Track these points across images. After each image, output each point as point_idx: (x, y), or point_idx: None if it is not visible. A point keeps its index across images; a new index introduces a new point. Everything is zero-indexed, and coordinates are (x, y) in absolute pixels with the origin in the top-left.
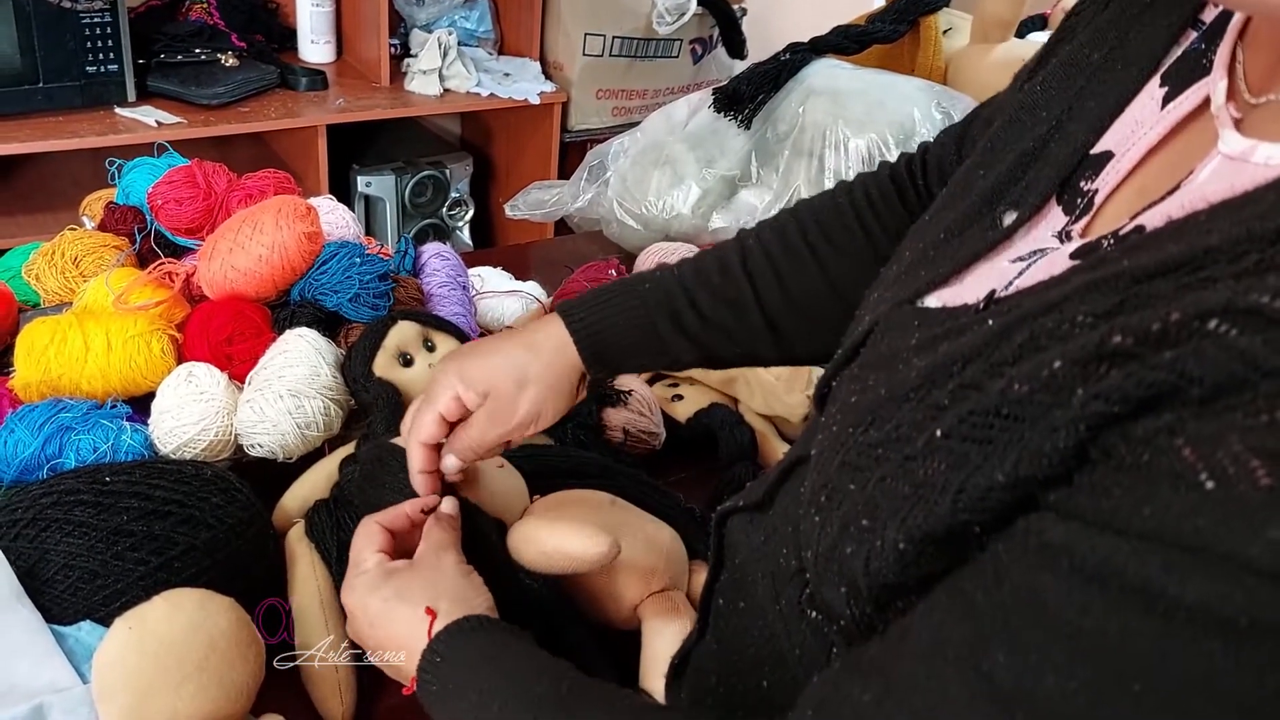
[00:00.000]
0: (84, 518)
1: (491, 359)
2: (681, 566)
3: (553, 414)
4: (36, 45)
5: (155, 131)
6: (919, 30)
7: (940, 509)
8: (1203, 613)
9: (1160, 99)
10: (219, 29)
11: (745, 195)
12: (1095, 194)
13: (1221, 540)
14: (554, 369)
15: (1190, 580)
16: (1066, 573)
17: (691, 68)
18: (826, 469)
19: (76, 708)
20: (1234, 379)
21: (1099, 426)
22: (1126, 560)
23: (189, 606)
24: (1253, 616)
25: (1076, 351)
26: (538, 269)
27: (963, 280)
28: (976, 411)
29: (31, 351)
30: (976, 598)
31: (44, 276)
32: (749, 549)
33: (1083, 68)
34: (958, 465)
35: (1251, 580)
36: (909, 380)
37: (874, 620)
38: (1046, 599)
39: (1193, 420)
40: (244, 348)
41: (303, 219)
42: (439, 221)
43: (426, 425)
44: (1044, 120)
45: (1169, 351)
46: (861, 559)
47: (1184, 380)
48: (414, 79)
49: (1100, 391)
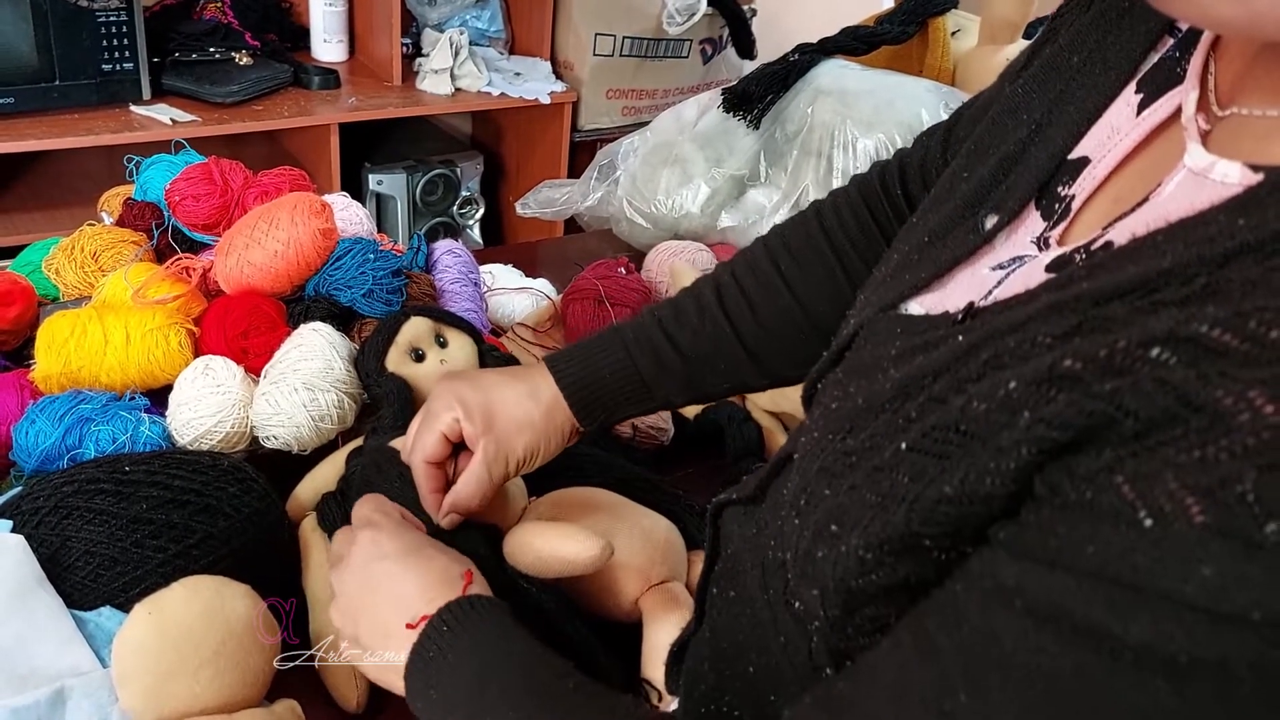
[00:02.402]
0: (104, 506)
1: (494, 395)
2: (680, 557)
3: (543, 458)
4: (53, 43)
5: (169, 129)
6: (927, 32)
7: (896, 519)
8: (1146, 652)
9: (1135, 105)
10: (233, 28)
11: (754, 194)
12: (1072, 200)
13: (1159, 578)
14: (551, 419)
15: (1133, 620)
16: (1020, 614)
17: (701, 68)
18: (806, 473)
19: (97, 691)
20: (1166, 414)
21: (1043, 453)
22: (1074, 600)
23: (206, 593)
24: (1191, 655)
25: (1030, 373)
26: (548, 266)
27: (945, 286)
28: (938, 426)
29: (52, 344)
30: (939, 640)
31: (64, 271)
32: (741, 540)
33: (1062, 71)
34: (916, 478)
35: (1189, 617)
36: (884, 392)
37: (844, 623)
38: (1003, 641)
39: (1130, 458)
40: (259, 341)
41: (318, 215)
42: (449, 219)
43: (431, 444)
44: (1024, 123)
45: (1110, 382)
46: (830, 564)
47: (1120, 413)
48: (425, 78)
49: (1045, 415)
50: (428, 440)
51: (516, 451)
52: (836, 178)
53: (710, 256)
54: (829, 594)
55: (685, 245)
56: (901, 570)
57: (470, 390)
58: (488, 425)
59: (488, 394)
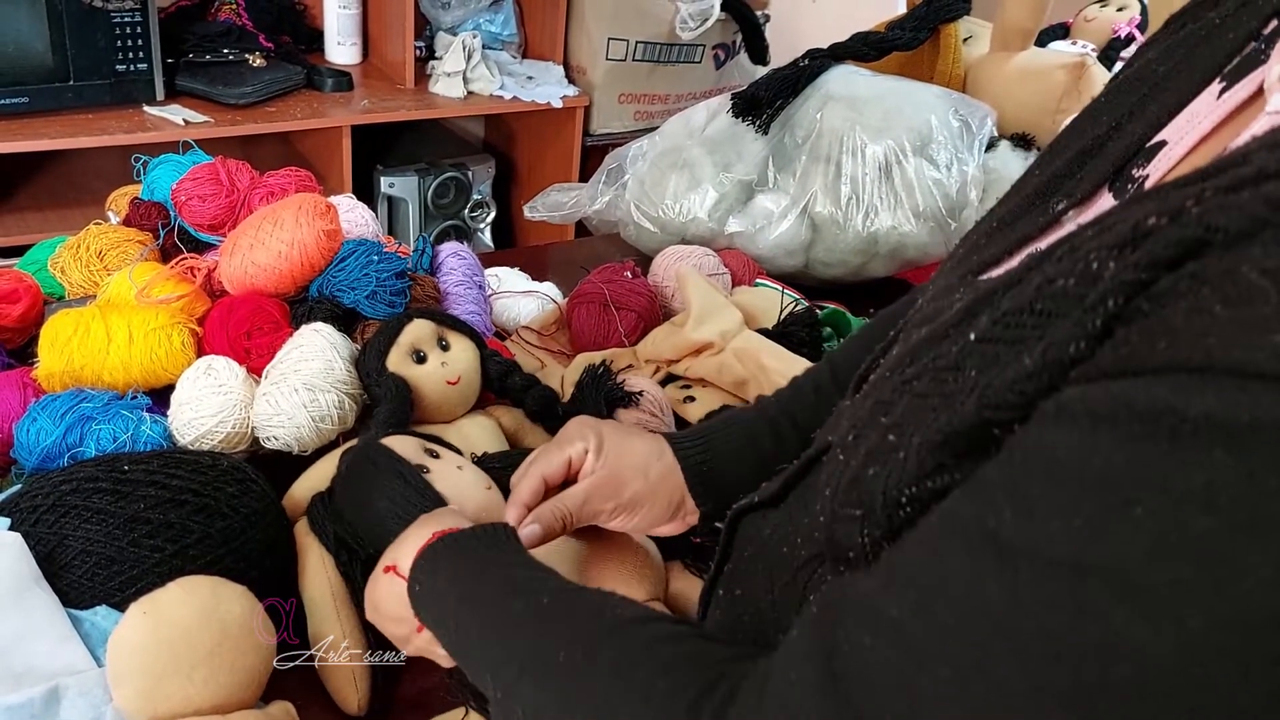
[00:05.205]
0: (102, 505)
1: (625, 440)
2: (658, 575)
3: (643, 518)
4: (68, 43)
5: (182, 130)
6: (939, 38)
7: (966, 408)
8: (1207, 422)
9: (1217, 92)
10: (247, 30)
11: (762, 200)
12: (1146, 180)
13: (1231, 352)
14: (665, 480)
15: (1196, 395)
16: (1078, 420)
17: (714, 73)
18: (858, 414)
19: (92, 690)
20: (1256, 222)
21: (1128, 298)
22: (1136, 393)
23: (202, 593)
24: (1254, 415)
25: (1112, 239)
26: (555, 270)
27: (1011, 263)
28: (1010, 311)
29: (55, 342)
30: (987, 476)
31: (69, 270)
32: (758, 543)
33: (1148, 79)
34: (987, 366)
35: (1257, 385)
36: (949, 319)
37: (881, 548)
38: (1057, 452)
39: (1213, 265)
40: (263, 342)
41: (322, 216)
42: (461, 223)
43: (555, 463)
44: (1104, 123)
45: (1196, 210)
46: (882, 478)
47: (1209, 232)
48: (438, 81)
49: (1131, 261)
50: (555, 458)
51: (623, 495)
52: (845, 184)
53: (717, 261)
54: (874, 513)
55: (692, 250)
56: (958, 474)
57: (610, 432)
58: (611, 464)
59: (625, 440)
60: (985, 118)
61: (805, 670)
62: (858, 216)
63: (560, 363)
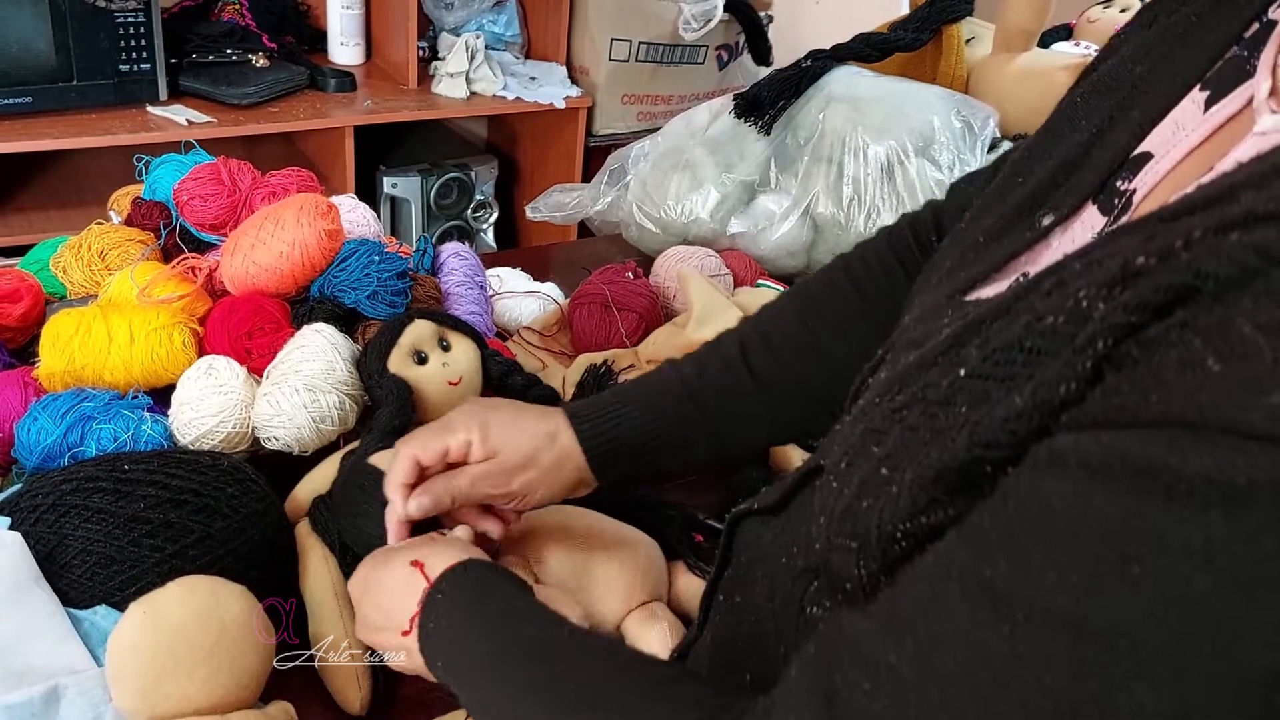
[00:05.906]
0: (102, 504)
1: (514, 428)
2: (660, 576)
3: (539, 500)
4: (71, 43)
5: (185, 130)
6: (941, 39)
7: (957, 445)
8: (1203, 482)
9: (1202, 103)
10: (250, 30)
11: (764, 200)
12: (1133, 194)
13: (1225, 412)
14: (559, 468)
15: (1192, 454)
16: (1071, 471)
17: (717, 74)
18: (849, 439)
19: (91, 689)
20: (1246, 271)
21: (1118, 342)
22: (1130, 444)
23: (202, 593)
24: (1251, 478)
25: (1101, 277)
26: (557, 271)
27: (999, 282)
28: (1000, 348)
29: (56, 342)
30: (982, 521)
31: (70, 269)
32: (756, 549)
33: (1125, 80)
34: (977, 403)
35: (1253, 446)
36: (938, 345)
37: (878, 581)
38: (1051, 502)
39: (1204, 314)
40: (264, 342)
41: (324, 216)
42: (463, 223)
43: (433, 450)
44: (1084, 129)
45: (1186, 254)
46: (876, 511)
47: (1198, 279)
48: (441, 82)
49: (1121, 302)
50: (431, 445)
51: (511, 485)
52: (847, 184)
53: (719, 262)
54: (869, 546)
55: (694, 250)
56: (952, 510)
57: (494, 420)
58: (497, 454)
59: (510, 428)
60: (987, 119)
61: (805, 715)
62: (860, 217)
63: (562, 363)
